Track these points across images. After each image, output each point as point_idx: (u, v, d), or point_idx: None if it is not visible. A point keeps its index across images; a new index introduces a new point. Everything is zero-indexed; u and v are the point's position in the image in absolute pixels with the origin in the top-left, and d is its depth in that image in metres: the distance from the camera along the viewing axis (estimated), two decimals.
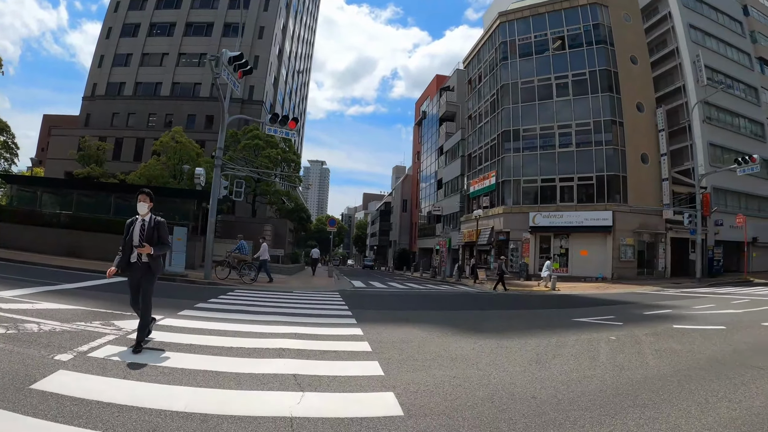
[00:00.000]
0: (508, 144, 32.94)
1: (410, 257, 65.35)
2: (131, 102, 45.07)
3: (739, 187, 35.60)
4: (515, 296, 18.27)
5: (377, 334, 7.26)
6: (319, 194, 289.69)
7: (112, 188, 27.02)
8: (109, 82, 45.97)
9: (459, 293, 19.28)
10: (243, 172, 24.49)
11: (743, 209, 35.71)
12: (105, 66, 46.22)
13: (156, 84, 45.75)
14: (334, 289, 18.50)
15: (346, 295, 14.82)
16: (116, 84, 45.85)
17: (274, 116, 20.05)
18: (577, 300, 16.42)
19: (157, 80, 45.65)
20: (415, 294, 17.56)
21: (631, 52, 32.58)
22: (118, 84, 45.82)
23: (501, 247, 33.53)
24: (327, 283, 21.89)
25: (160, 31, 46.82)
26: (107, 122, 44.75)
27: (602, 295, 18.69)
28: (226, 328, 7.18)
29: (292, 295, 13.95)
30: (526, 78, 33.08)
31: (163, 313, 8.02)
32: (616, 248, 29.00)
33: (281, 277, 22.93)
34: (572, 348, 6.91)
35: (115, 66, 46.01)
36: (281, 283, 19.17)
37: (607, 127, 30.13)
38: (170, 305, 9.28)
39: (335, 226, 31.45)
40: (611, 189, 29.63)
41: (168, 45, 46.18)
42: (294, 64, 63.74)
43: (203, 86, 44.10)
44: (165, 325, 7.06)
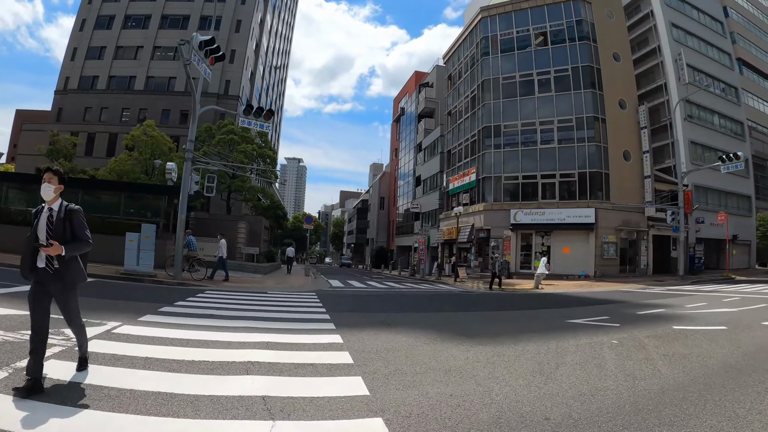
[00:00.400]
0: (488, 140, 32.55)
1: (388, 255, 64.77)
2: (104, 96, 44.06)
3: (719, 185, 36.04)
4: (500, 296, 17.77)
5: (359, 342, 6.55)
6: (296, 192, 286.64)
7: (79, 184, 25.80)
8: (82, 75, 44.84)
9: (441, 293, 18.69)
10: (216, 166, 23.44)
11: (723, 207, 36.19)
12: (78, 59, 45.05)
13: (130, 78, 44.89)
14: (310, 289, 17.72)
15: (323, 296, 14.06)
16: (89, 78, 44.80)
17: (248, 107, 19.17)
18: (565, 299, 15.99)
19: (131, 74, 44.74)
20: (396, 294, 16.90)
21: (613, 49, 32.53)
22: (91, 78, 44.76)
23: (481, 245, 33.14)
24: (303, 282, 21.08)
25: (135, 24, 45.79)
26: (79, 117, 43.71)
27: (588, 294, 18.35)
28: (190, 336, 6.37)
29: (266, 297, 13.13)
30: (508, 74, 32.72)
31: (121, 319, 7.23)
32: (599, 246, 28.88)
33: (256, 277, 22.02)
34: (575, 355, 6.32)
35: (88, 59, 44.95)
36: (255, 283, 18.30)
37: (590, 124, 29.97)
38: (132, 309, 8.47)
39: (312, 224, 30.56)
40: (593, 186, 29.50)
41: (143, 38, 45.16)
42: (271, 59, 62.66)
43: (178, 80, 43.10)
44: (122, 333, 6.26)
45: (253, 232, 28.02)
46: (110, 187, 26.15)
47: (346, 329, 7.56)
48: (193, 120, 18.55)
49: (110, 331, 6.33)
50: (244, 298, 12.38)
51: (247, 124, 19.17)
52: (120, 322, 6.91)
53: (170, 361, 4.99)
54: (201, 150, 32.38)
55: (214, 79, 45.15)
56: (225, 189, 33.21)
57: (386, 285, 22.42)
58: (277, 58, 68.93)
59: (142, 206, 25.79)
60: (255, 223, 28.91)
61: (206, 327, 7.16)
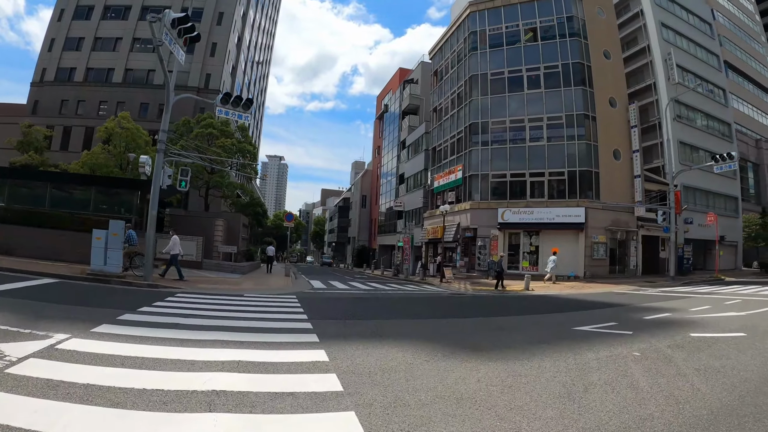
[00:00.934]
0: (476, 137, 31.80)
1: (370, 254, 63.85)
2: (81, 89, 42.84)
3: (706, 186, 35.98)
4: (492, 298, 16.97)
5: (347, 360, 5.58)
6: (277, 190, 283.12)
7: (50, 178, 24.49)
8: (59, 67, 43.64)
9: (430, 295, 17.80)
10: (191, 159, 22.21)
11: (710, 208, 36.17)
12: (55, 50, 43.84)
13: (108, 70, 43.84)
14: (291, 291, 16.69)
15: (304, 300, 13.06)
16: (66, 69, 43.62)
17: (225, 96, 18.01)
18: (562, 302, 15.25)
19: (110, 66, 43.68)
20: (383, 297, 15.94)
21: (604, 47, 32.09)
22: (68, 69, 43.60)
23: (467, 245, 32.41)
24: (283, 283, 20.01)
25: (115, 15, 44.72)
26: (56, 110, 42.59)
27: (583, 296, 17.67)
28: (147, 353, 5.35)
29: (242, 301, 12.09)
30: (496, 69, 32.03)
31: (72, 330, 6.22)
32: (589, 246, 28.38)
33: (233, 278, 20.87)
34: (600, 372, 5.49)
35: (66, 50, 43.78)
36: (232, 285, 17.18)
37: (580, 122, 29.45)
38: (88, 317, 7.43)
39: (292, 222, 29.46)
40: (583, 185, 28.99)
41: (122, 29, 44.02)
42: (253, 54, 61.46)
43: (157, 73, 42.20)
44: (67, 350, 5.25)
45: (232, 230, 26.79)
46: (79, 181, 24.81)
47: (331, 342, 6.60)
48: (167, 109, 17.35)
49: (54, 347, 5.30)
50: (217, 302, 11.33)
51: (224, 114, 18.00)
52: (69, 335, 5.93)
53: (116, 390, 3.99)
54: (178, 144, 31.16)
55: (195, 73, 44.06)
56: (203, 185, 31.90)
57: (370, 286, 21.49)
58: (260, 53, 67.63)
59: (114, 202, 24.56)
60: (233, 220, 27.65)
61: (169, 340, 6.13)
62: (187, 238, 23.74)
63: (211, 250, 24.49)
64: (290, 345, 6.29)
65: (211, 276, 20.57)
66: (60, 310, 8.03)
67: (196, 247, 23.56)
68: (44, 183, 23.53)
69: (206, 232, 24.71)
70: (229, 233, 26.44)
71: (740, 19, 49.67)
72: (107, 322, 7.07)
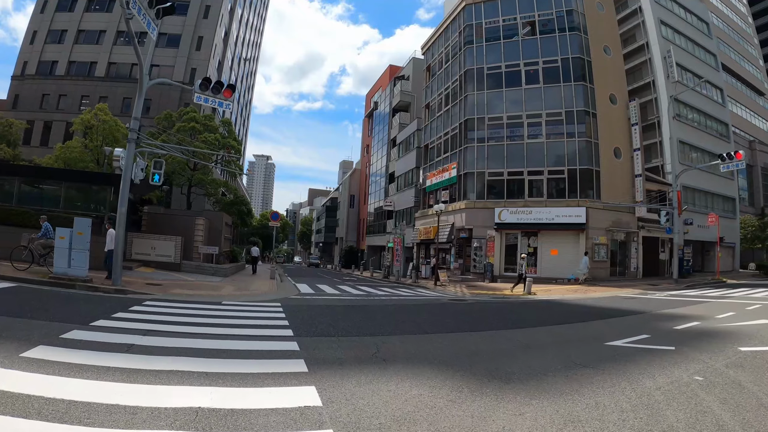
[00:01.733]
0: (471, 133, 30.56)
1: (358, 255, 62.48)
2: (63, 82, 41.47)
3: (705, 187, 35.22)
4: (498, 305, 15.68)
5: (347, 403, 4.16)
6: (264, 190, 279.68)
7: (16, 172, 22.86)
8: (41, 60, 42.24)
9: (430, 301, 16.48)
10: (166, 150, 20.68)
11: (708, 208, 35.45)
12: (37, 43, 42.43)
13: (91, 64, 42.60)
14: (275, 297, 15.28)
15: (290, 309, 11.67)
16: (48, 63, 42.28)
17: (204, 81, 16.54)
18: (576, 310, 14.02)
19: (92, 59, 42.40)
20: (378, 304, 14.57)
21: (604, 42, 31.14)
22: (50, 63, 42.25)
23: (462, 246, 31.18)
24: (267, 287, 18.55)
25: (99, 6, 43.46)
26: (36, 104, 41.18)
27: (592, 302, 16.49)
28: (77, 393, 3.96)
29: (218, 311, 10.69)
30: (493, 63, 30.84)
31: None
32: (590, 247, 27.29)
33: (213, 281, 19.36)
34: (672, 409, 4.31)
35: (48, 43, 42.43)
36: (211, 290, 15.69)
37: (580, 118, 28.39)
38: (25, 334, 6.05)
39: (278, 221, 27.99)
40: (584, 184, 27.92)
41: (106, 22, 42.63)
42: (241, 50, 59.96)
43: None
44: None
45: (214, 230, 25.22)
46: (49, 176, 23.24)
47: (323, 372, 5.21)
48: (140, 93, 15.89)
49: None
50: (189, 312, 9.91)
51: (204, 101, 16.50)
52: None
53: None
54: (159, 139, 29.75)
55: (180, 67, 42.60)
56: (185, 182, 30.31)
57: (361, 290, 20.13)
58: (247, 50, 66.12)
59: (86, 198, 23.02)
60: (216, 219, 26.05)
61: (114, 372, 4.71)
62: (165, 238, 22.20)
63: (191, 251, 22.94)
64: (270, 378, 4.88)
65: (190, 279, 19.05)
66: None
67: (174, 247, 22.02)
68: (11, 178, 21.98)
69: (186, 231, 23.17)
70: (210, 233, 24.89)
71: (734, 21, 49.31)
72: (45, 343, 5.65)
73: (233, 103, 62.17)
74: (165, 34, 43.92)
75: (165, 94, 41.16)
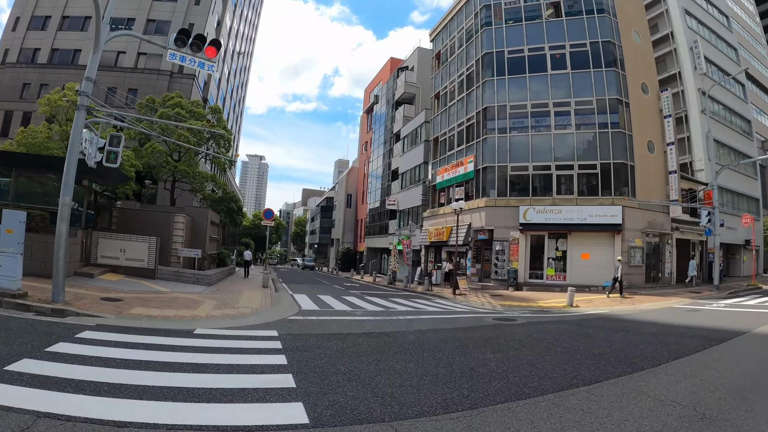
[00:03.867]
0: (491, 123, 26.09)
1: (357, 258, 57.73)
2: (45, 71, 36.80)
3: (730, 186, 31.20)
4: (558, 325, 11.17)
5: None
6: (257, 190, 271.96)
7: None
8: (23, 47, 37.66)
9: (468, 320, 11.99)
10: (126, 122, 16.01)
11: (735, 209, 31.54)
12: (20, 29, 37.96)
13: (74, 51, 37.91)
14: (268, 318, 10.70)
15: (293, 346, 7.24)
16: (30, 50, 37.86)
17: (181, 35, 12.00)
18: (654, 330, 9.85)
19: (76, 47, 37.73)
20: (413, 332, 10.01)
21: (633, 27, 27.07)
22: (32, 50, 37.81)
23: (480, 249, 26.77)
24: (259, 301, 13.89)
25: None
26: (17, 93, 36.54)
27: (654, 316, 13.08)
28: None
29: (184, 350, 6.19)
30: (514, 47, 26.47)
31: None
32: (625, 251, 23.07)
33: (194, 292, 14.64)
34: None
35: (31, 30, 37.99)
36: (185, 309, 10.99)
37: (613, 107, 24.18)
38: None
39: (272, 219, 23.26)
40: (618, 180, 23.69)
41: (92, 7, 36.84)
42: (234, 43, 55.05)
43: (127, 55, 36.97)
44: None
45: (197, 229, 20.46)
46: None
47: None
48: (96, 48, 11.40)
49: None
50: (136, 358, 5.37)
51: (180, 59, 11.92)
52: None
53: None
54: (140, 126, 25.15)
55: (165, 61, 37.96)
56: (168, 175, 25.51)
57: (375, 304, 15.64)
58: (241, 43, 61.19)
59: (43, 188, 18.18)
60: (199, 216, 21.19)
61: None
62: (138, 239, 17.44)
63: (168, 255, 18.18)
64: None
65: (163, 291, 14.32)
66: None
67: (148, 250, 17.25)
68: None
69: (163, 231, 18.42)
70: (193, 233, 20.15)
71: (743, 19, 45.71)
72: None
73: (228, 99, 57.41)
74: (153, 21, 39.36)
75: (152, 84, 36.46)
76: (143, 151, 24.25)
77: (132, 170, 21.51)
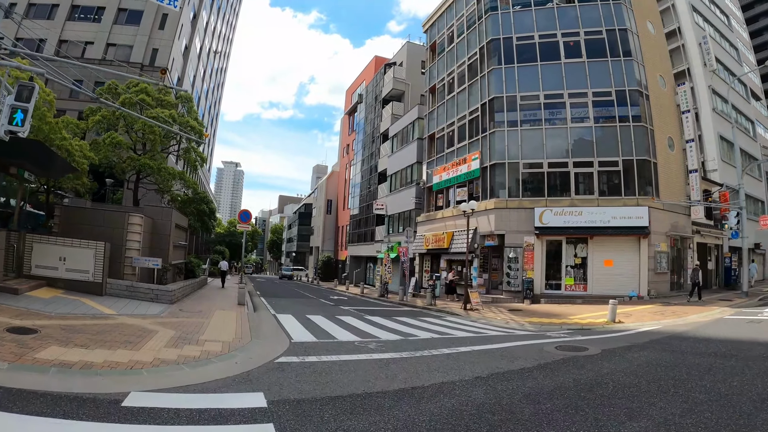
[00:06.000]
0: (500, 115, 22.92)
1: (339, 267, 53.74)
2: None
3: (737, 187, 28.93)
4: (639, 352, 7.85)
5: None
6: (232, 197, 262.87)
7: None
8: None
9: (515, 349, 8.52)
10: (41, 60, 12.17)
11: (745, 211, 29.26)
12: None
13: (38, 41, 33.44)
14: (248, 363, 6.89)
15: (293, 428, 3.50)
16: None
17: None
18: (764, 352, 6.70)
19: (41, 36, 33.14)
20: (468, 379, 6.55)
21: (647, 17, 24.63)
22: None
23: (487, 257, 23.51)
24: (234, 329, 10.09)
25: None
26: None
27: (727, 331, 10.20)
28: None
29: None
30: (524, 33, 23.49)
31: None
32: (652, 257, 20.18)
33: (149, 314, 10.67)
34: None
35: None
36: (126, 348, 7.01)
37: (634, 99, 21.43)
38: None
39: (248, 222, 19.36)
40: (641, 179, 20.87)
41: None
42: (210, 41, 50.74)
43: (96, 46, 32.65)
44: None
45: (158, 234, 16.43)
46: None
47: None
48: None
49: None
50: None
51: None
52: None
53: None
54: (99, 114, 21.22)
55: (139, 47, 33.62)
56: (131, 172, 21.35)
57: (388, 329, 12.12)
58: (218, 43, 56.80)
59: None
60: (162, 218, 17.04)
61: None
62: (82, 245, 13.37)
63: (121, 265, 14.14)
64: None
65: (106, 314, 10.35)
66: None
67: (94, 258, 13.22)
68: None
69: (116, 235, 14.38)
70: (154, 238, 16.12)
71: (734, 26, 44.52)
72: None
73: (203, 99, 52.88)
74: (125, 10, 35.10)
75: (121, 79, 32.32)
76: (101, 143, 20.09)
77: (85, 162, 17.35)
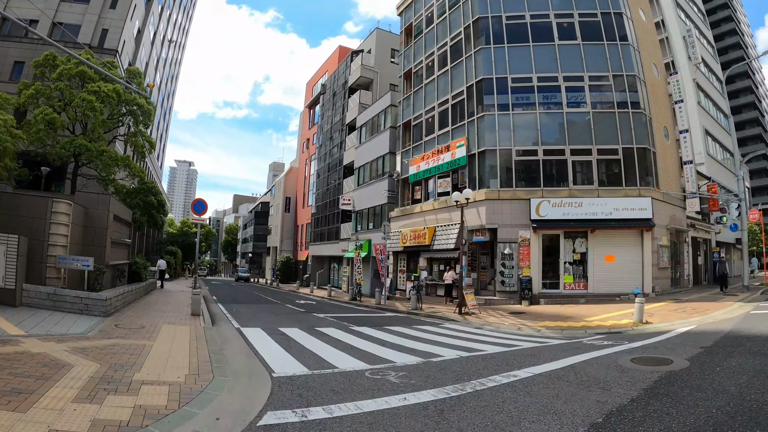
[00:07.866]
0: (489, 98, 20.87)
1: (299, 267, 50.51)
2: None
3: (724, 182, 28.42)
4: (736, 359, 5.86)
5: None
6: (186, 197, 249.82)
7: None
8: None
9: (600, 371, 6.28)
10: None
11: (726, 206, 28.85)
12: None
13: None
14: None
15: None
16: None
17: None
18: None
19: None
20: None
21: (639, 4, 23.54)
22: None
23: (476, 254, 21.45)
24: (188, 358, 7.26)
25: None
26: None
27: None
28: None
29: None
30: (514, 12, 21.60)
31: None
32: (655, 251, 18.76)
33: (71, 334, 7.42)
34: None
35: None
36: (10, 408, 4.05)
37: (632, 85, 20.03)
38: None
39: (203, 213, 16.15)
40: (642, 168, 19.45)
41: None
42: (166, 28, 46.03)
43: (41, 24, 27.89)
44: None
45: (92, 227, 13.12)
46: None
47: None
48: None
49: None
50: None
51: None
52: None
53: None
54: (33, 87, 17.39)
55: (87, 26, 29.14)
56: (68, 156, 17.63)
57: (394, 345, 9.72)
58: (173, 32, 51.97)
59: None
60: (97, 206, 13.64)
61: None
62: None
63: (42, 267, 10.85)
64: None
65: (11, 335, 7.26)
66: None
67: (5, 257, 9.94)
68: None
69: (36, 227, 11.09)
70: (86, 231, 12.82)
71: None
72: None
73: (155, 90, 48.16)
74: None
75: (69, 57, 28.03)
76: (32, 121, 16.36)
77: (8, 140, 13.73)
